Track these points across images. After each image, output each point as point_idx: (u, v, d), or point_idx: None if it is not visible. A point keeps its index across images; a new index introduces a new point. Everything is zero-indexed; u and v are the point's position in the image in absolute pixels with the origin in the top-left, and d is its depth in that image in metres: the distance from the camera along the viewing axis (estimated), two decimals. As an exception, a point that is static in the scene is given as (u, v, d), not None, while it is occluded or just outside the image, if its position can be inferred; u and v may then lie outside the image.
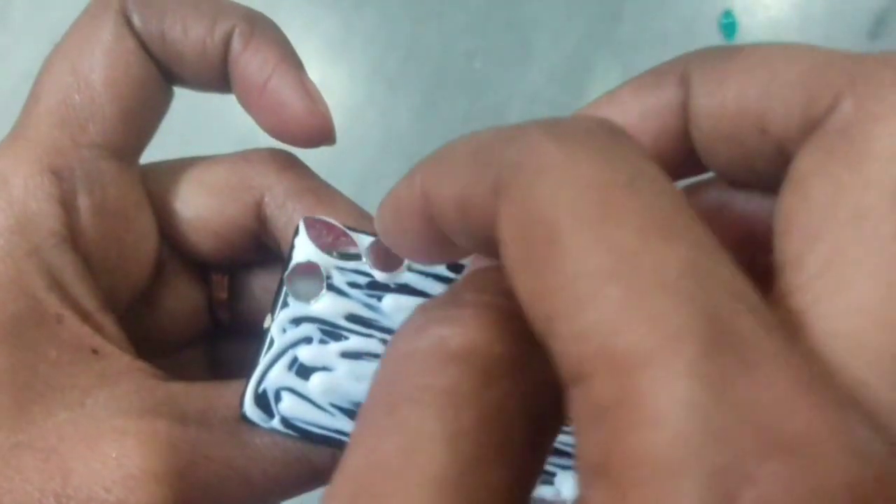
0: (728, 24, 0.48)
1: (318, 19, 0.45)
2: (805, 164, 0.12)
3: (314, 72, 0.21)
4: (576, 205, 0.10)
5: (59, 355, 0.19)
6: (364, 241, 0.20)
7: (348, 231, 0.20)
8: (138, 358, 0.20)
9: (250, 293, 0.25)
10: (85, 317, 0.20)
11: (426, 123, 0.44)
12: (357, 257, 0.20)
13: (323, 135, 0.21)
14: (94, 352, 0.19)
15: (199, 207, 0.22)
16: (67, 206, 0.20)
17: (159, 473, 0.18)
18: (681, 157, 0.15)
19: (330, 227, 0.20)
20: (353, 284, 0.19)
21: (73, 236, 0.20)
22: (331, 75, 0.45)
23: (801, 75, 0.13)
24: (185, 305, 0.24)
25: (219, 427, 0.19)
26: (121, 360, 0.20)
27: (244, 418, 0.19)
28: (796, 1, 0.49)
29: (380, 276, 0.20)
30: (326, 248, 0.19)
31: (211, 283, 0.24)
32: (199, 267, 0.24)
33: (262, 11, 0.45)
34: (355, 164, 0.42)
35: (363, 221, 0.22)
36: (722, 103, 0.14)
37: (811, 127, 0.13)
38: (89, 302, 0.20)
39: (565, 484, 0.20)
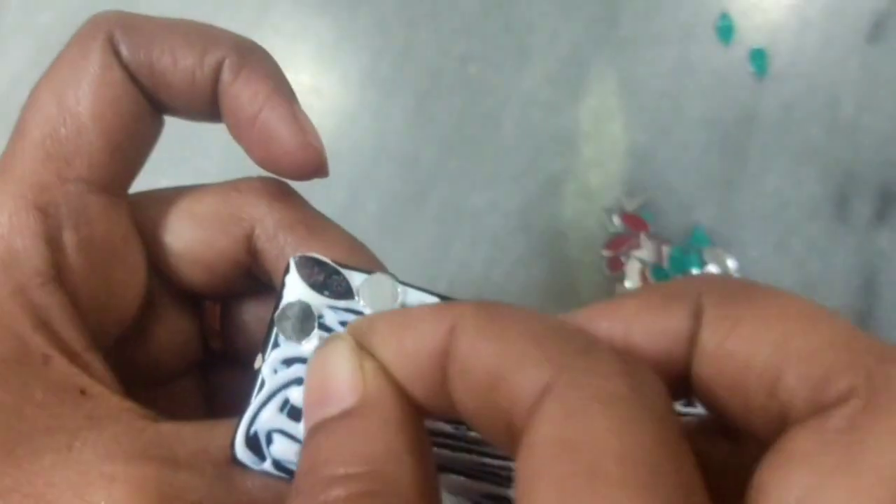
0: (725, 27, 0.48)
1: (310, 24, 0.45)
2: (797, 447, 0.12)
3: (306, 77, 0.21)
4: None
5: (46, 397, 0.18)
6: (356, 278, 0.19)
7: (340, 269, 0.19)
8: (127, 397, 0.20)
9: (242, 322, 0.24)
10: (72, 357, 0.19)
11: (420, 128, 0.44)
12: (349, 296, 0.19)
13: (315, 168, 0.21)
14: (82, 392, 0.19)
15: (190, 240, 0.22)
16: (53, 243, 0.20)
17: None
18: (676, 384, 0.15)
19: (322, 265, 0.19)
20: (345, 324, 0.19)
21: (59, 274, 0.20)
22: (323, 80, 0.44)
23: (818, 350, 0.13)
24: (177, 336, 0.23)
25: (210, 471, 0.18)
26: (109, 401, 0.19)
27: (235, 461, 0.18)
28: (794, 4, 0.49)
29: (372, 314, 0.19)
30: (318, 287, 0.19)
31: (203, 312, 0.24)
32: (191, 296, 0.24)
33: (254, 16, 0.45)
34: (348, 170, 0.42)
35: (356, 253, 0.22)
36: (731, 353, 0.14)
37: (817, 409, 0.13)
38: (76, 341, 0.19)
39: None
